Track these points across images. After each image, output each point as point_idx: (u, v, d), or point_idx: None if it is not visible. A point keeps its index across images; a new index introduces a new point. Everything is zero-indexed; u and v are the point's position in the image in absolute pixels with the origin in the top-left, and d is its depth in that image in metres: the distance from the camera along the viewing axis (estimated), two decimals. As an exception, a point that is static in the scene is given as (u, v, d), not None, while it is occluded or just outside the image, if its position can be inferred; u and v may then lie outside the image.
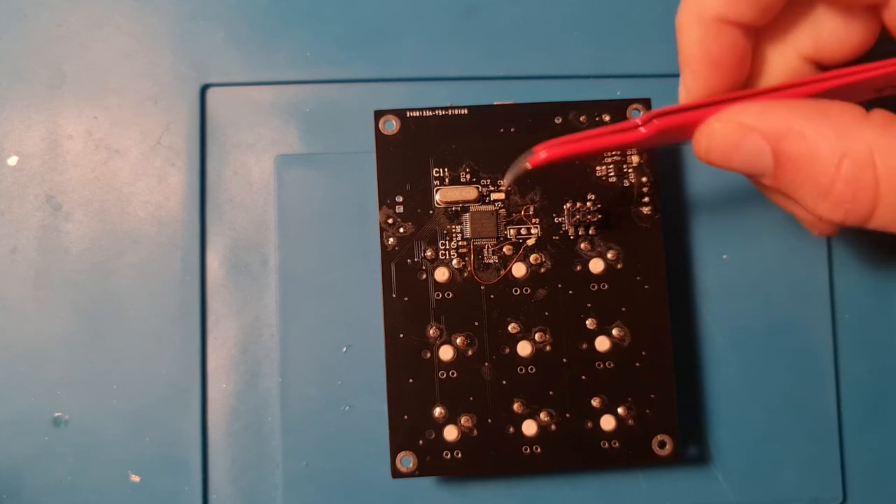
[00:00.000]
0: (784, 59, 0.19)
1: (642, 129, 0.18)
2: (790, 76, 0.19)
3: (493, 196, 0.22)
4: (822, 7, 0.18)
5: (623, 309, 0.22)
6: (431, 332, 0.22)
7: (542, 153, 0.18)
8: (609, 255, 0.22)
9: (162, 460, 0.23)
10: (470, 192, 0.22)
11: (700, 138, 0.18)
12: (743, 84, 0.19)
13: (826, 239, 0.24)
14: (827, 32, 0.19)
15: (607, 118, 0.23)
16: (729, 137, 0.18)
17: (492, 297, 0.22)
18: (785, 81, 0.18)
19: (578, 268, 0.22)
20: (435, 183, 0.23)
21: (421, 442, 0.22)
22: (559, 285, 0.22)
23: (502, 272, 0.22)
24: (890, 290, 0.25)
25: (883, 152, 0.16)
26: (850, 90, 0.18)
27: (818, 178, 0.17)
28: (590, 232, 0.22)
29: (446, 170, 0.23)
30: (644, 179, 0.23)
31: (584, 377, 0.22)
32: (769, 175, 0.18)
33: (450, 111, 0.23)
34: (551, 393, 0.22)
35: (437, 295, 0.22)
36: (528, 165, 0.19)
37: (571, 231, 0.22)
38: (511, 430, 0.22)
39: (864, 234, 0.24)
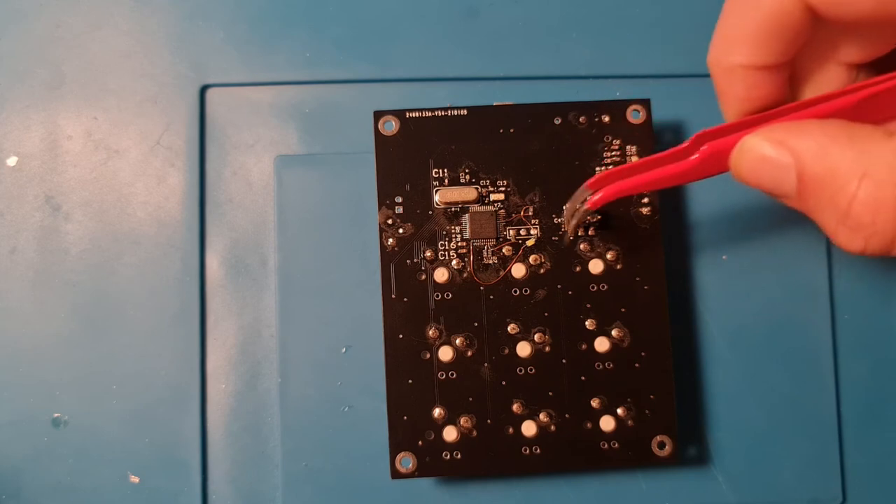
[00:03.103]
0: (819, 67, 0.20)
1: (694, 157, 0.18)
2: (832, 81, 0.20)
3: (493, 197, 0.22)
4: (850, 28, 0.18)
5: (622, 310, 0.22)
6: (431, 332, 0.22)
7: (596, 196, 0.19)
8: (608, 256, 0.22)
9: (161, 461, 0.23)
10: (469, 193, 0.22)
11: (734, 153, 0.18)
12: (784, 99, 0.19)
13: (826, 240, 0.24)
14: (859, 44, 0.19)
15: (606, 119, 0.23)
16: (759, 152, 0.18)
17: (491, 297, 0.22)
18: (820, 95, 0.18)
19: (578, 268, 0.22)
20: (434, 184, 0.23)
21: (420, 443, 0.22)
22: (559, 286, 0.22)
23: (502, 273, 0.22)
24: (890, 291, 0.25)
25: None
26: (886, 99, 0.18)
27: (837, 199, 0.16)
28: (589, 233, 0.22)
29: (446, 170, 0.23)
30: (643, 180, 0.23)
31: (583, 378, 0.22)
32: (793, 195, 0.18)
33: (449, 112, 0.23)
34: (551, 394, 0.22)
35: (437, 296, 0.22)
36: (588, 207, 0.20)
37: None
38: (510, 430, 0.22)
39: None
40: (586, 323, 0.22)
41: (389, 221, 0.22)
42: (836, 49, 0.19)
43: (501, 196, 0.23)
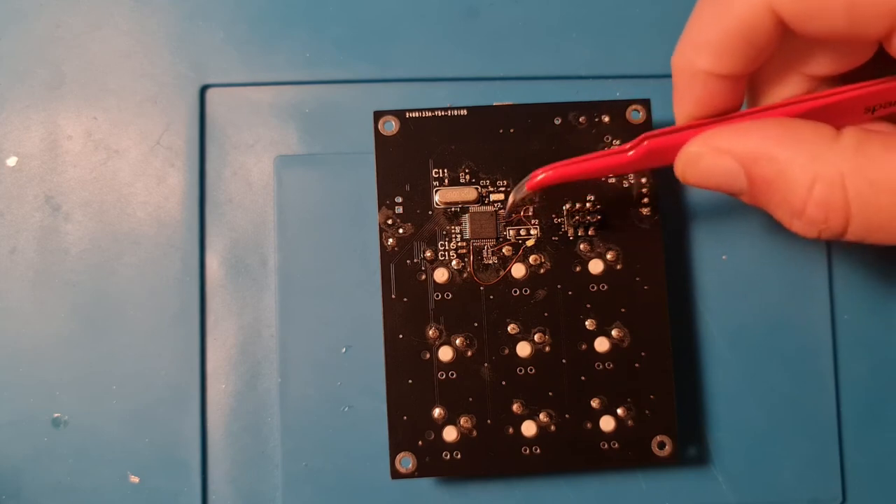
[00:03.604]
0: (783, 76, 0.20)
1: (630, 153, 0.19)
2: (792, 91, 0.20)
3: (493, 197, 0.22)
4: (819, 42, 0.18)
5: (622, 310, 0.22)
6: (431, 332, 0.22)
7: (538, 177, 0.20)
8: (608, 256, 0.22)
9: (161, 461, 0.23)
10: (469, 193, 0.22)
11: (678, 161, 0.19)
12: (738, 106, 0.19)
13: (825, 240, 0.24)
14: (827, 57, 0.19)
15: (606, 119, 0.23)
16: (704, 160, 0.18)
17: (491, 297, 0.22)
18: (767, 104, 0.19)
19: (578, 268, 0.22)
20: (434, 184, 0.23)
21: (420, 443, 0.22)
22: (558, 286, 0.22)
23: (502, 273, 0.22)
24: (889, 291, 0.25)
25: (853, 175, 0.17)
26: (837, 110, 0.18)
27: (791, 200, 0.17)
28: (589, 233, 0.22)
29: (446, 170, 0.23)
30: (643, 180, 0.23)
31: (583, 378, 0.22)
32: (745, 194, 0.18)
33: (449, 112, 0.23)
34: (551, 394, 0.22)
35: (437, 296, 0.22)
36: (526, 189, 0.20)
37: (571, 232, 0.22)
38: (510, 430, 0.22)
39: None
40: (586, 323, 0.22)
41: (389, 221, 0.22)
42: (802, 61, 0.19)
43: (501, 196, 0.23)
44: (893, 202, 0.16)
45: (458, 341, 0.22)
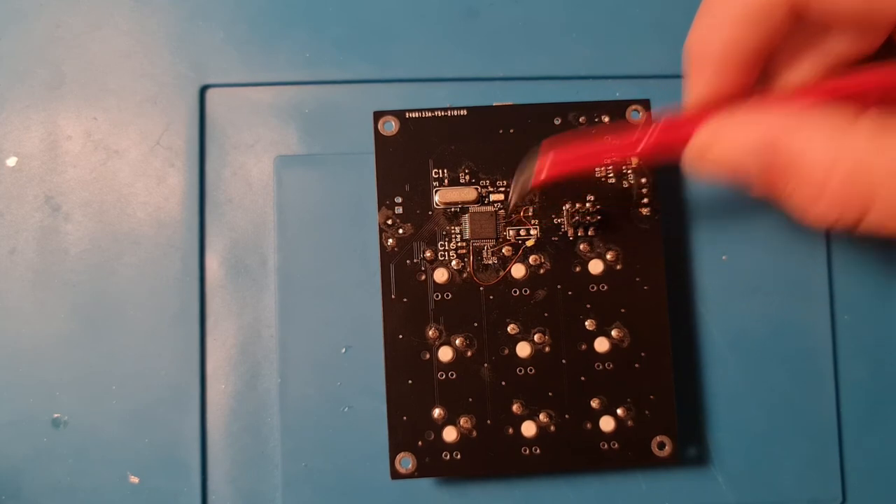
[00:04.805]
0: (796, 61, 0.19)
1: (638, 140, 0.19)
2: (803, 76, 0.19)
3: (493, 197, 0.22)
4: (833, 25, 0.18)
5: (622, 310, 0.22)
6: (431, 333, 0.22)
7: (543, 173, 0.19)
8: (608, 256, 0.22)
9: (161, 461, 0.23)
10: (469, 193, 0.22)
11: (690, 148, 0.18)
12: (750, 89, 0.19)
13: (826, 240, 0.24)
14: (838, 43, 0.18)
15: (606, 119, 0.23)
16: (717, 147, 0.18)
17: (491, 298, 0.22)
18: (785, 90, 0.19)
19: (578, 269, 0.22)
20: (434, 184, 0.23)
21: (420, 443, 0.22)
22: (558, 286, 0.22)
23: (501, 273, 0.22)
24: (889, 292, 0.25)
25: (872, 161, 0.16)
26: (853, 95, 0.18)
27: (809, 183, 0.17)
28: (589, 233, 0.22)
29: (445, 171, 0.23)
30: (643, 180, 0.23)
31: (583, 378, 0.22)
32: (761, 181, 0.18)
33: (449, 112, 0.23)
34: (550, 394, 0.22)
35: (437, 296, 0.22)
36: (531, 184, 0.20)
37: (571, 232, 0.22)
38: (510, 431, 0.22)
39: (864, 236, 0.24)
40: (586, 323, 0.22)
41: (389, 222, 0.22)
42: (815, 45, 0.19)
43: (501, 196, 0.23)
44: None
45: (457, 341, 0.22)
